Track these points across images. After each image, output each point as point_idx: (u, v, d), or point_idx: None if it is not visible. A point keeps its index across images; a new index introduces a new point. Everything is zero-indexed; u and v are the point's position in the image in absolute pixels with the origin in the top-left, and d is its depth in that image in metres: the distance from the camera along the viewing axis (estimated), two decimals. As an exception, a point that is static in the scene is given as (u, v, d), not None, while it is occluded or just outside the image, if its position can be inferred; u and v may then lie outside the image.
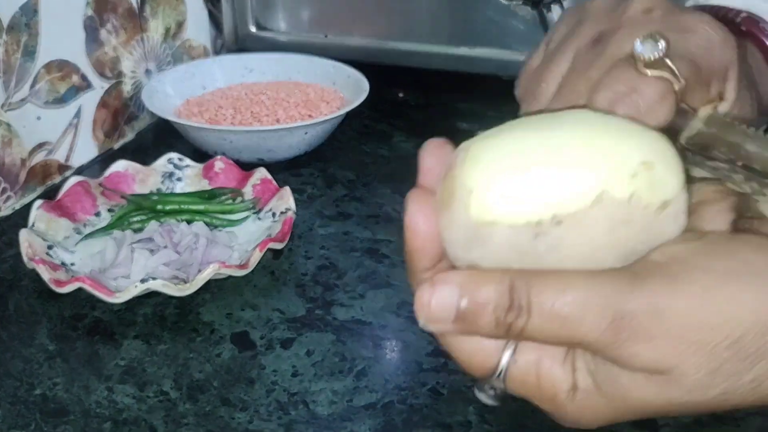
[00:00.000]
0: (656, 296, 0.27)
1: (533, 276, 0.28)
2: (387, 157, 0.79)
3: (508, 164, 0.28)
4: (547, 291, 0.27)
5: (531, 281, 0.27)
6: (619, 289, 0.27)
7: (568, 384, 0.29)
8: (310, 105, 0.80)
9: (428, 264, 0.31)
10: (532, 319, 0.27)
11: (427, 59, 0.89)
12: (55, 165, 0.75)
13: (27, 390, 0.50)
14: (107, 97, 0.80)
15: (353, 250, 0.64)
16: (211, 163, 0.70)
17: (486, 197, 0.28)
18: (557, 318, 0.27)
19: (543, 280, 0.27)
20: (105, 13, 0.78)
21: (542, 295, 0.27)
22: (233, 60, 0.88)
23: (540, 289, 0.27)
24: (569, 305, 0.27)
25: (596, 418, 0.29)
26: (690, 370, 0.27)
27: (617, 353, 0.27)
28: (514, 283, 0.27)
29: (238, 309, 0.57)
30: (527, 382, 0.30)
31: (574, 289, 0.27)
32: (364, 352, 0.53)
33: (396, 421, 0.47)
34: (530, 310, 0.27)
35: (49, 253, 0.59)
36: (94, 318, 0.56)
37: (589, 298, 0.27)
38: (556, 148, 0.28)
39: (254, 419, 0.47)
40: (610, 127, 0.29)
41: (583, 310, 0.27)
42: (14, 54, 0.68)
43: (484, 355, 0.30)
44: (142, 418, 0.47)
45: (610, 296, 0.27)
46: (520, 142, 0.29)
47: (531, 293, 0.27)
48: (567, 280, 0.27)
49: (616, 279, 0.27)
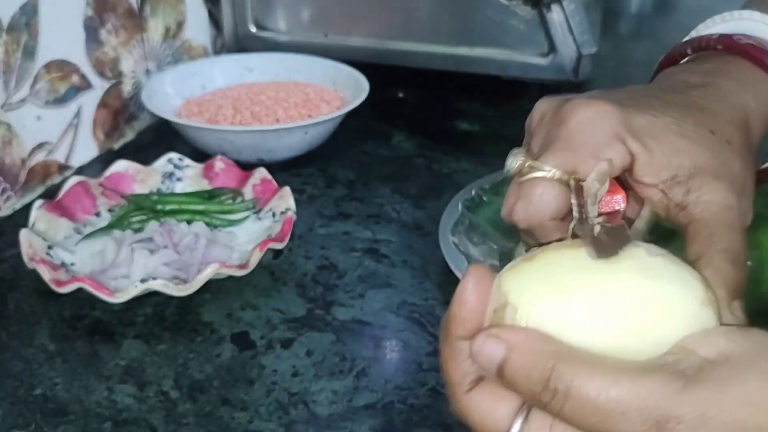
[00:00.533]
0: (707, 404, 0.27)
1: (579, 362, 0.28)
2: (387, 157, 0.80)
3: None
4: (592, 383, 0.27)
5: (576, 367, 0.28)
6: (669, 393, 0.27)
7: None
8: (310, 105, 0.80)
9: (464, 334, 0.31)
10: (569, 404, 0.27)
11: (427, 59, 0.89)
12: (55, 165, 0.75)
13: (27, 390, 0.50)
14: (107, 97, 0.80)
15: (353, 250, 0.64)
16: (211, 163, 0.70)
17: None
18: (597, 412, 0.27)
19: (589, 370, 0.27)
20: (105, 13, 0.78)
21: (585, 386, 0.27)
22: (233, 60, 0.88)
23: (584, 380, 0.27)
24: (612, 402, 0.27)
25: None
26: None
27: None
28: (556, 365, 0.28)
29: (238, 309, 0.57)
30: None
31: (619, 387, 0.27)
32: (364, 352, 0.53)
33: (396, 422, 0.47)
34: (568, 397, 0.27)
35: (49, 253, 0.59)
36: (95, 318, 0.56)
37: (634, 398, 0.27)
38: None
39: (254, 419, 0.48)
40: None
41: (626, 409, 0.27)
42: (14, 54, 0.68)
43: (496, 419, 0.30)
44: (142, 418, 0.48)
45: (658, 400, 0.27)
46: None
47: (574, 381, 0.27)
48: (614, 375, 0.27)
49: (665, 381, 0.27)
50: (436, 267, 0.61)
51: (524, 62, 0.85)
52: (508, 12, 0.84)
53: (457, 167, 0.76)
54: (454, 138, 0.83)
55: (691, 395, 0.27)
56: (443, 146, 0.80)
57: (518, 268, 0.31)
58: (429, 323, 0.55)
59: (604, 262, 0.29)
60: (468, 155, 0.77)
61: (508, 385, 0.29)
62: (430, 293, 0.59)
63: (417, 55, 0.89)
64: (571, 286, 0.29)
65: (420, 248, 0.64)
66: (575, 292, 0.29)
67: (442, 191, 0.71)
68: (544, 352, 0.28)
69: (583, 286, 0.29)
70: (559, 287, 0.29)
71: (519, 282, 0.30)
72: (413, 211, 0.69)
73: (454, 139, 0.82)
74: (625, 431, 0.27)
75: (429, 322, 0.56)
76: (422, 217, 0.68)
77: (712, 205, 0.36)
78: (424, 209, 0.70)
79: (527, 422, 0.30)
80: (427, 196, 0.72)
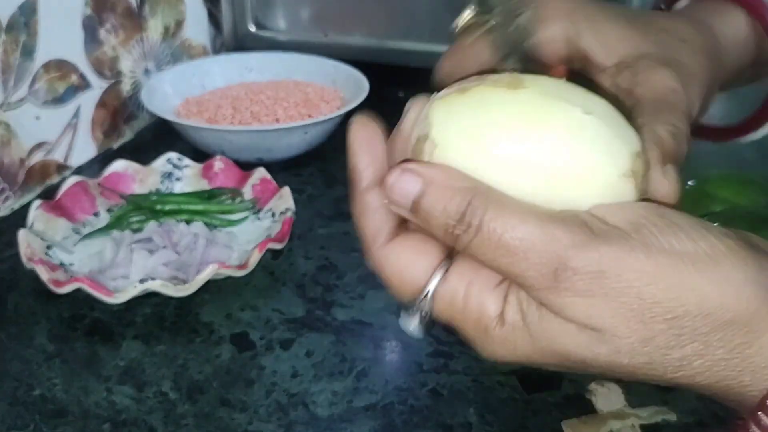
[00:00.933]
0: (607, 263, 0.27)
1: (493, 199, 0.28)
2: (387, 157, 0.79)
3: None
4: (501, 219, 0.28)
5: (489, 204, 0.28)
6: (572, 244, 0.27)
7: (494, 312, 0.29)
8: (310, 104, 0.80)
9: (369, 184, 0.32)
10: (478, 238, 0.28)
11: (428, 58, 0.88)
12: (53, 165, 0.74)
13: (26, 391, 0.50)
14: (106, 96, 0.80)
15: (353, 251, 0.64)
16: (211, 163, 0.69)
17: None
18: (502, 247, 0.27)
19: (501, 207, 0.28)
20: (104, 12, 0.77)
21: (495, 221, 0.28)
22: (232, 59, 0.88)
23: (494, 215, 0.28)
24: (516, 240, 0.27)
25: (515, 354, 0.30)
26: (623, 333, 0.27)
27: (551, 298, 0.28)
28: (472, 200, 0.28)
29: (237, 309, 0.57)
30: (454, 303, 0.30)
31: (526, 227, 0.27)
32: (364, 353, 0.53)
33: (396, 422, 0.47)
34: (479, 230, 0.28)
35: (48, 254, 0.59)
36: (93, 318, 0.56)
37: (538, 240, 0.27)
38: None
39: (254, 420, 0.47)
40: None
41: (529, 249, 0.27)
42: (13, 54, 0.68)
43: (414, 273, 0.30)
44: (141, 419, 0.47)
45: (560, 247, 0.27)
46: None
47: (485, 215, 0.28)
48: (524, 216, 0.28)
49: (571, 232, 0.27)
50: (437, 267, 0.61)
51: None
52: (509, 11, 0.83)
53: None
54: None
55: (593, 251, 0.27)
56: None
57: (449, 99, 0.30)
58: (429, 324, 0.55)
59: (536, 115, 0.29)
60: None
61: (422, 219, 0.29)
62: (431, 293, 0.58)
63: (417, 55, 0.89)
64: (495, 133, 0.29)
65: (420, 248, 0.64)
66: (498, 139, 0.29)
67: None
68: (462, 187, 0.28)
69: (507, 135, 0.29)
70: (483, 131, 0.29)
71: (446, 115, 0.29)
72: (413, 211, 0.69)
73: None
74: (524, 271, 0.27)
75: (429, 323, 0.55)
76: (422, 217, 0.68)
77: (656, 87, 0.36)
78: (424, 209, 0.69)
79: (445, 277, 0.30)
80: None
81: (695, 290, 0.27)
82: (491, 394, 0.49)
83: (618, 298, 0.27)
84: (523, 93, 0.29)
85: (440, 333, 0.54)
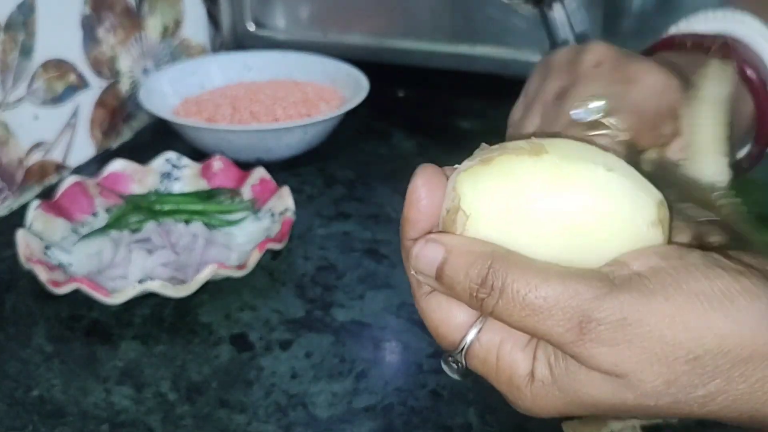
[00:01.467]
0: (628, 310, 0.28)
1: (514, 262, 0.29)
2: (387, 157, 0.79)
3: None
4: (523, 280, 0.29)
5: (510, 266, 0.29)
6: (594, 296, 0.28)
7: (525, 370, 0.31)
8: (309, 104, 0.80)
9: (416, 235, 0.32)
10: (503, 300, 0.29)
11: (427, 57, 0.88)
12: (52, 165, 0.74)
13: (24, 391, 0.49)
14: (105, 96, 0.80)
15: (353, 251, 0.64)
16: (210, 163, 0.69)
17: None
18: (527, 307, 0.29)
19: (522, 268, 0.29)
20: (102, 11, 0.77)
21: (517, 282, 0.29)
22: (232, 58, 0.88)
23: (516, 277, 0.29)
24: (540, 299, 0.28)
25: (548, 408, 0.31)
26: (648, 377, 0.28)
27: (578, 350, 0.28)
28: (493, 264, 0.29)
29: (236, 310, 0.57)
30: (487, 361, 0.32)
31: (548, 286, 0.28)
32: (363, 354, 0.52)
33: (396, 424, 0.47)
34: (503, 293, 0.29)
35: (46, 254, 0.59)
36: (92, 319, 0.56)
37: (561, 297, 0.28)
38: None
39: (253, 421, 0.47)
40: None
41: (553, 306, 0.28)
42: (11, 53, 0.68)
43: (451, 328, 0.32)
44: (140, 420, 0.47)
45: (582, 300, 0.28)
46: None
47: (508, 278, 0.29)
48: (546, 275, 0.29)
49: (592, 285, 0.28)
50: (437, 267, 0.60)
51: (525, 61, 0.85)
52: (509, 10, 0.83)
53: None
54: (455, 137, 0.82)
55: (614, 300, 0.28)
56: (443, 145, 0.79)
57: (475, 170, 0.31)
58: (429, 324, 0.55)
59: (561, 177, 0.30)
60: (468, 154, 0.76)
61: (447, 286, 0.30)
62: (431, 294, 0.58)
63: (417, 54, 0.88)
64: (524, 199, 0.30)
65: (420, 248, 0.63)
66: (528, 204, 0.30)
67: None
68: (482, 252, 0.30)
69: (536, 199, 0.30)
70: (513, 198, 0.30)
71: (473, 185, 0.31)
72: (413, 211, 0.69)
73: (454, 138, 0.82)
74: (550, 328, 0.28)
75: (429, 323, 0.55)
76: (422, 217, 0.68)
77: None
78: (424, 209, 0.69)
79: (479, 336, 0.31)
80: (427, 196, 0.71)
81: (713, 329, 0.28)
82: (491, 394, 0.48)
83: (641, 344, 0.28)
84: (546, 158, 0.30)
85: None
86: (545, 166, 0.30)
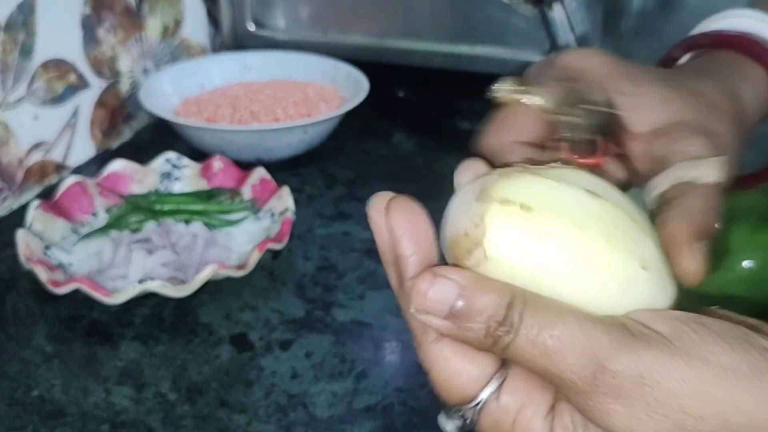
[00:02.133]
0: (647, 368, 0.26)
1: (532, 299, 0.27)
2: (387, 156, 0.79)
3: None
4: (539, 318, 0.27)
5: (528, 304, 0.27)
6: (612, 345, 0.26)
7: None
8: (309, 104, 0.80)
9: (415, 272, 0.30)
10: (518, 339, 0.27)
11: (428, 57, 0.88)
12: (52, 165, 0.74)
13: (24, 392, 0.49)
14: (105, 96, 0.80)
15: (353, 251, 0.64)
16: (210, 163, 0.69)
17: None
18: (541, 346, 0.27)
19: (540, 307, 0.27)
20: (102, 11, 0.77)
21: (533, 320, 0.27)
22: (232, 58, 0.88)
23: (533, 314, 0.27)
24: (555, 339, 0.26)
25: None
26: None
27: (590, 404, 0.26)
28: (513, 300, 0.27)
29: (236, 310, 0.57)
30: (501, 423, 0.29)
31: (564, 326, 0.27)
32: (363, 354, 0.52)
33: (396, 424, 0.47)
34: (518, 331, 0.27)
35: (46, 254, 0.59)
36: (92, 319, 0.56)
37: (577, 340, 0.26)
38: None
39: (253, 421, 0.47)
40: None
41: (567, 348, 0.26)
42: (11, 53, 0.67)
43: (465, 380, 0.29)
44: (140, 420, 0.47)
45: (599, 347, 0.26)
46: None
47: (525, 315, 0.27)
48: (563, 315, 0.27)
49: (612, 333, 0.26)
50: (437, 267, 0.60)
51: (525, 60, 0.84)
52: (509, 10, 0.83)
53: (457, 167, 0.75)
54: (455, 137, 0.82)
55: (633, 354, 0.26)
56: (444, 145, 0.79)
57: (512, 215, 0.29)
58: (429, 324, 0.55)
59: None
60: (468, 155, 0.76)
61: (460, 324, 0.27)
62: (431, 294, 0.58)
63: (417, 54, 0.88)
64: (551, 272, 0.28)
65: (420, 248, 0.63)
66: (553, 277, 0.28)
67: (442, 191, 0.70)
68: (500, 288, 0.27)
69: (562, 277, 0.28)
70: (540, 266, 0.28)
71: (503, 232, 0.28)
72: (413, 211, 0.69)
73: (454, 138, 0.82)
74: (563, 372, 0.26)
75: (429, 323, 0.55)
76: (422, 217, 0.68)
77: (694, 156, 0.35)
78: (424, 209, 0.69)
79: (498, 395, 0.29)
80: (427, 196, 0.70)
81: (739, 408, 0.26)
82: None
83: (660, 410, 0.26)
84: (591, 232, 0.28)
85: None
86: (585, 241, 0.28)
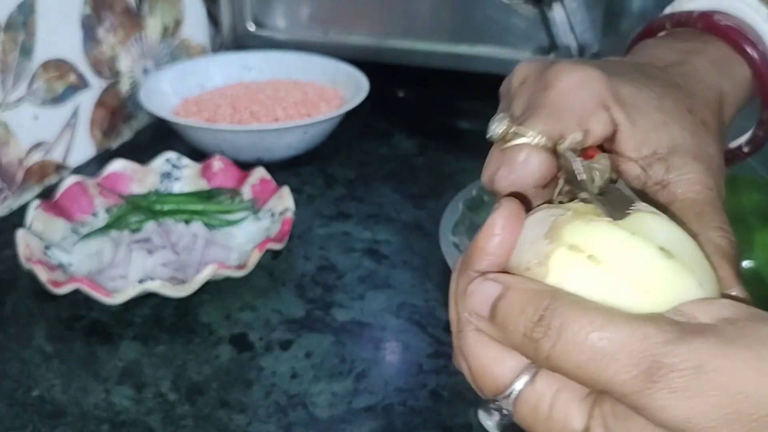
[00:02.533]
0: (705, 357, 0.25)
1: (573, 301, 0.27)
2: (387, 157, 0.79)
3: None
4: (585, 319, 0.26)
5: (570, 304, 0.27)
6: (665, 340, 0.25)
7: (579, 427, 0.28)
8: (309, 104, 0.80)
9: (483, 268, 0.30)
10: (561, 342, 0.26)
11: (428, 57, 0.88)
12: (52, 165, 0.74)
13: (24, 392, 0.49)
14: (105, 96, 0.80)
15: (353, 251, 0.64)
16: (210, 163, 0.69)
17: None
18: (588, 349, 0.26)
19: (583, 308, 0.26)
20: (102, 11, 0.77)
21: (578, 323, 0.26)
22: (232, 58, 0.88)
23: (578, 316, 0.26)
24: (605, 340, 0.26)
25: None
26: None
27: (644, 402, 0.25)
28: (551, 302, 0.27)
29: (236, 310, 0.57)
30: (539, 408, 0.28)
31: (613, 326, 0.26)
32: (363, 354, 0.52)
33: (396, 424, 0.47)
34: (561, 334, 0.26)
35: (46, 254, 0.59)
36: (92, 319, 0.56)
37: (628, 339, 0.25)
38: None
39: (253, 421, 0.47)
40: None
41: (619, 349, 0.25)
42: (11, 53, 0.67)
43: (501, 369, 0.29)
44: (140, 420, 0.47)
45: (652, 344, 0.25)
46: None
47: (568, 317, 0.26)
48: (609, 315, 0.26)
49: (663, 329, 0.26)
50: (437, 268, 0.60)
51: (525, 61, 0.85)
52: (509, 10, 0.83)
53: (457, 167, 0.75)
54: (455, 137, 0.82)
55: (689, 345, 0.25)
56: (444, 145, 0.79)
57: (580, 264, 0.28)
58: (429, 324, 0.55)
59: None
60: (469, 154, 0.77)
61: (500, 326, 0.28)
62: (431, 294, 0.58)
63: (417, 54, 0.88)
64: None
65: (420, 249, 0.63)
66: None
67: (442, 191, 0.70)
68: (540, 290, 0.27)
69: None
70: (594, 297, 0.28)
71: (567, 276, 0.28)
72: (413, 211, 0.69)
73: (454, 138, 0.82)
74: (613, 376, 0.25)
75: (429, 324, 0.55)
76: (422, 217, 0.68)
77: (694, 185, 0.35)
78: (424, 209, 0.69)
79: (533, 380, 0.28)
80: (427, 196, 0.71)
81: None
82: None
83: (718, 397, 0.25)
84: (652, 300, 0.27)
85: (440, 333, 0.54)
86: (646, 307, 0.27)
